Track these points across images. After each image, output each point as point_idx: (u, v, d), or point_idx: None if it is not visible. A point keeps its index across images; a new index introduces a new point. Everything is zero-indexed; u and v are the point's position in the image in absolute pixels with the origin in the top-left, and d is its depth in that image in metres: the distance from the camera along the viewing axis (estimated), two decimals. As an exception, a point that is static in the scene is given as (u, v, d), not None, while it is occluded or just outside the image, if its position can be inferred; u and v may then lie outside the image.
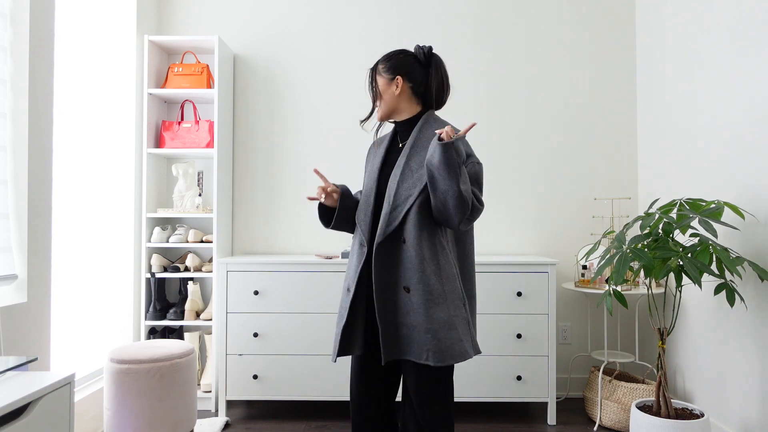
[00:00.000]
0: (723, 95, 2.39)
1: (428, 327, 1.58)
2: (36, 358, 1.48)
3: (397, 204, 1.63)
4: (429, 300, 1.60)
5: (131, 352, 2.24)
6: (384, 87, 1.74)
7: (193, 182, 3.03)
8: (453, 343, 1.59)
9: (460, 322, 1.63)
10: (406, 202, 1.63)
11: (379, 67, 1.75)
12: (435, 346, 1.57)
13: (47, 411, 1.36)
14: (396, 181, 1.65)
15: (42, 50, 2.05)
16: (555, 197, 3.19)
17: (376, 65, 1.77)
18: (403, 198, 1.63)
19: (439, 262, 1.64)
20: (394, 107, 1.74)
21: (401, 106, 1.74)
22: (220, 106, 2.97)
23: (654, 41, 3.00)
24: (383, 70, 1.75)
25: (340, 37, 3.24)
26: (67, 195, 2.51)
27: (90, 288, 2.69)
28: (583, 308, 3.17)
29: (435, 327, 1.59)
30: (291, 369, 2.69)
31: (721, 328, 2.40)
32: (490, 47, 3.22)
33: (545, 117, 3.20)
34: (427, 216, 1.63)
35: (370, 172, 1.76)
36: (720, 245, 2.01)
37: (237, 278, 2.70)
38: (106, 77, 2.83)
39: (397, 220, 1.62)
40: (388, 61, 1.75)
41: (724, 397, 2.36)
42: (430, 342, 1.58)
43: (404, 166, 1.66)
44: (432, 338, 1.58)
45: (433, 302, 1.60)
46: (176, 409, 2.25)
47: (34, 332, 2.00)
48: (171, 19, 3.24)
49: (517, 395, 2.68)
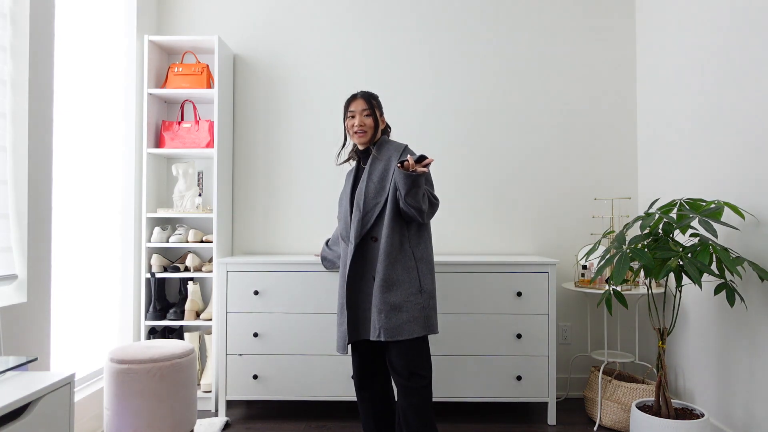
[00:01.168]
0: (723, 95, 2.39)
1: (381, 308, 1.98)
2: (36, 358, 1.48)
3: (366, 211, 2.05)
4: (385, 286, 1.99)
5: (131, 352, 2.24)
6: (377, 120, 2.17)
7: (193, 182, 3.03)
8: (402, 323, 1.97)
9: (412, 306, 2.00)
10: (375, 209, 2.05)
11: (374, 102, 2.17)
12: (386, 324, 1.97)
13: (47, 411, 1.36)
14: (362, 194, 2.07)
15: (42, 50, 2.05)
16: (555, 197, 3.19)
17: (372, 100, 2.16)
18: (371, 206, 2.05)
19: (400, 256, 2.03)
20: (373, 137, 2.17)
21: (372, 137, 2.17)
22: (220, 106, 2.97)
23: (654, 41, 2.99)
24: (377, 106, 2.19)
25: (341, 36, 3.24)
26: (67, 195, 2.50)
27: (90, 288, 2.68)
28: (583, 308, 3.17)
29: (387, 308, 1.97)
30: (291, 369, 2.69)
31: (722, 328, 2.39)
32: (489, 47, 3.22)
33: (545, 117, 3.20)
34: (393, 218, 2.02)
35: (345, 193, 2.19)
36: (720, 245, 2.02)
37: (237, 278, 2.70)
38: (106, 77, 2.83)
39: (369, 223, 2.05)
40: (377, 100, 2.20)
41: (725, 397, 2.36)
42: (383, 321, 1.97)
43: (368, 180, 2.09)
44: (384, 318, 1.97)
45: (388, 288, 1.99)
46: (176, 409, 2.25)
47: (34, 332, 2.00)
48: (171, 19, 3.24)
49: (517, 395, 2.68)
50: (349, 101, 2.17)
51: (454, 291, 2.68)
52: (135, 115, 2.95)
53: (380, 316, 1.98)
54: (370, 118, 2.14)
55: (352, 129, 2.15)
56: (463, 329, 2.69)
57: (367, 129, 2.14)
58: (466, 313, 2.69)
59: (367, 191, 2.07)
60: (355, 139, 2.17)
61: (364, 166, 2.19)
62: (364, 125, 2.13)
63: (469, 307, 2.69)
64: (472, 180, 3.20)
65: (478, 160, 3.19)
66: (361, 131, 2.13)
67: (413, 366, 2.01)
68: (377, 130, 2.18)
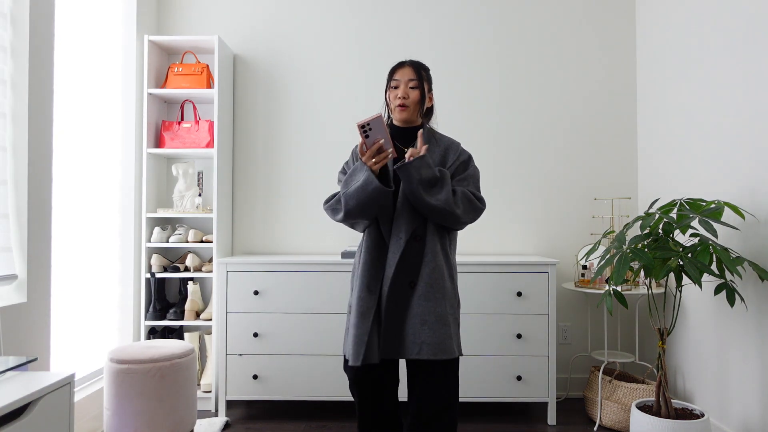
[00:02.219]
0: (723, 94, 2.39)
1: (426, 319, 1.66)
2: (36, 358, 1.48)
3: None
4: (431, 294, 1.68)
5: (131, 352, 2.24)
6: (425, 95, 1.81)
7: (193, 182, 3.02)
8: (445, 339, 1.67)
9: (453, 321, 1.72)
10: None
11: (423, 74, 1.82)
12: (430, 338, 1.65)
13: (47, 411, 1.36)
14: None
15: (42, 50, 2.04)
16: (555, 197, 3.19)
17: (422, 71, 1.82)
18: None
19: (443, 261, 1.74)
20: (418, 115, 1.82)
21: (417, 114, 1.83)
22: (220, 106, 2.97)
23: (654, 40, 2.99)
24: (427, 79, 1.84)
25: (341, 36, 3.23)
26: (67, 195, 2.50)
27: (90, 288, 2.68)
28: (583, 308, 3.16)
29: (432, 320, 1.66)
30: (291, 369, 2.69)
31: (722, 328, 2.39)
32: (490, 48, 3.22)
33: (545, 116, 3.20)
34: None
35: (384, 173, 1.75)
36: (720, 245, 2.01)
37: (237, 278, 2.70)
38: (106, 77, 2.82)
39: (420, 218, 1.72)
40: (427, 72, 1.85)
41: (725, 397, 2.35)
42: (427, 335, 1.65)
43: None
44: (429, 331, 1.66)
45: (434, 297, 1.68)
46: (176, 410, 2.25)
47: (34, 332, 1.99)
48: (171, 19, 3.23)
49: (517, 395, 2.67)
50: (394, 69, 1.83)
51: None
52: (135, 115, 2.94)
53: (423, 328, 1.65)
54: (416, 92, 1.79)
55: (395, 101, 1.79)
56: (463, 329, 2.69)
57: (410, 104, 1.78)
58: (466, 312, 2.69)
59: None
60: (395, 114, 1.81)
61: (403, 147, 1.81)
62: (407, 97, 1.78)
63: (469, 307, 2.68)
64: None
65: (477, 159, 3.18)
66: (403, 105, 1.78)
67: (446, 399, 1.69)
68: (422, 108, 1.83)
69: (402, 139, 1.83)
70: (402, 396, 2.49)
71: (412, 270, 1.70)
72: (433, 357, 1.64)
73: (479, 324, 2.69)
